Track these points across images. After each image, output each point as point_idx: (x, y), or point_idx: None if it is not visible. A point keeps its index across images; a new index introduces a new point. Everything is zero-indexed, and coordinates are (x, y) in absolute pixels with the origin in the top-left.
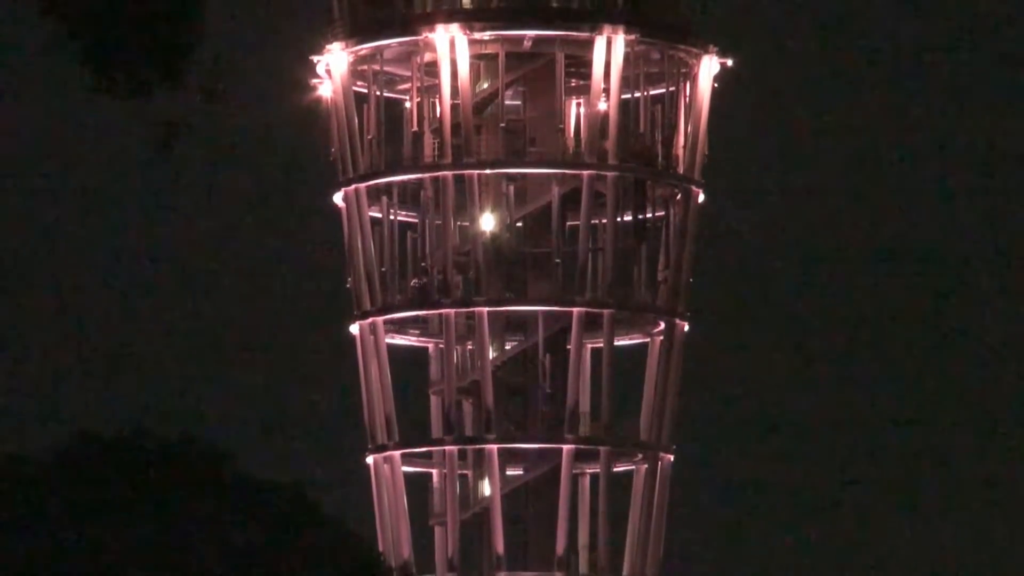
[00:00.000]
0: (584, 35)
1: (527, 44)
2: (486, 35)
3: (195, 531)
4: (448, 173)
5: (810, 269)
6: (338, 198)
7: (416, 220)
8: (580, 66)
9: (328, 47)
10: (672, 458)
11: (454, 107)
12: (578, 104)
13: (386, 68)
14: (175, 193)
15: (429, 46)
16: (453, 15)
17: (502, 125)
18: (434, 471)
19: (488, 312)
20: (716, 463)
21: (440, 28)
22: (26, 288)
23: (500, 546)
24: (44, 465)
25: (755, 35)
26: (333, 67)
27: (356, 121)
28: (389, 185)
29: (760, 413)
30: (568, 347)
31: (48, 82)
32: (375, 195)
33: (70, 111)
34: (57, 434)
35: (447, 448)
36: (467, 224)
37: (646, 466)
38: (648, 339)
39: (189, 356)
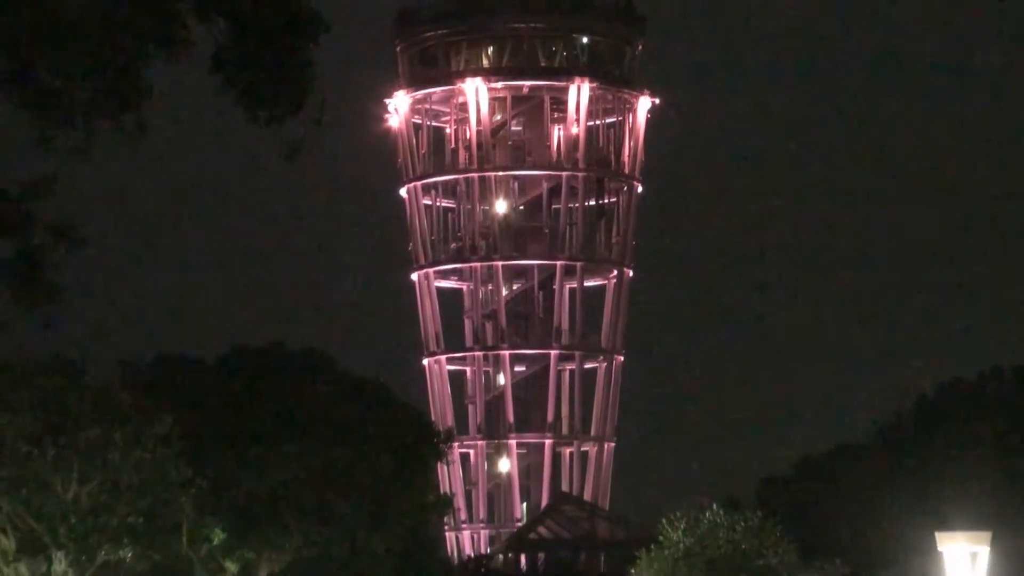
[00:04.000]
0: (562, 84)
1: (525, 90)
2: (499, 84)
3: (315, 409)
4: (474, 175)
5: (716, 234)
6: (403, 192)
7: (454, 205)
8: (560, 104)
9: (395, 93)
10: (622, 359)
11: (478, 132)
12: (559, 129)
13: (433, 107)
14: (299, 191)
15: (462, 92)
16: (478, 72)
17: (509, 143)
18: (467, 368)
19: (502, 265)
20: (654, 364)
21: (469, 80)
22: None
23: (511, 417)
24: (210, 365)
25: (674, 82)
26: (399, 106)
27: (414, 141)
28: (436, 183)
29: (679, 342)
30: (554, 287)
31: (216, 118)
32: (427, 189)
33: (226, 136)
34: (219, 344)
35: (475, 353)
36: (487, 208)
37: (606, 364)
38: (606, 282)
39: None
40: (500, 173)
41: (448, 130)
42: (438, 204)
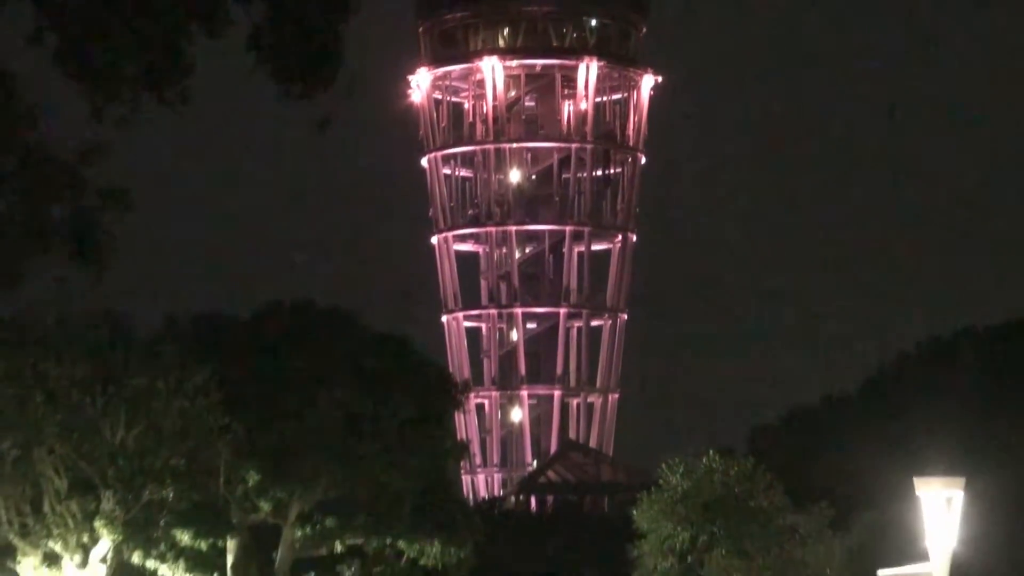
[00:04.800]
0: (572, 63)
1: (538, 68)
2: (514, 63)
3: (341, 362)
4: (490, 146)
5: (711, 200)
6: (424, 162)
7: (471, 175)
8: (570, 81)
9: (418, 70)
10: (626, 317)
11: (494, 107)
12: (569, 104)
13: (453, 83)
14: (328, 162)
15: (479, 70)
16: (494, 51)
17: (523, 117)
18: (483, 325)
19: (515, 230)
20: (655, 321)
21: (486, 59)
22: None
23: (523, 370)
24: (245, 321)
25: (676, 62)
26: (421, 82)
27: (434, 115)
28: (455, 154)
29: (678, 301)
30: (563, 251)
31: (249, 92)
32: (446, 160)
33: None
34: (252, 302)
35: (490, 311)
36: (502, 177)
37: (611, 321)
38: (611, 246)
39: (334, 260)
40: (514, 145)
41: (466, 105)
42: (457, 173)
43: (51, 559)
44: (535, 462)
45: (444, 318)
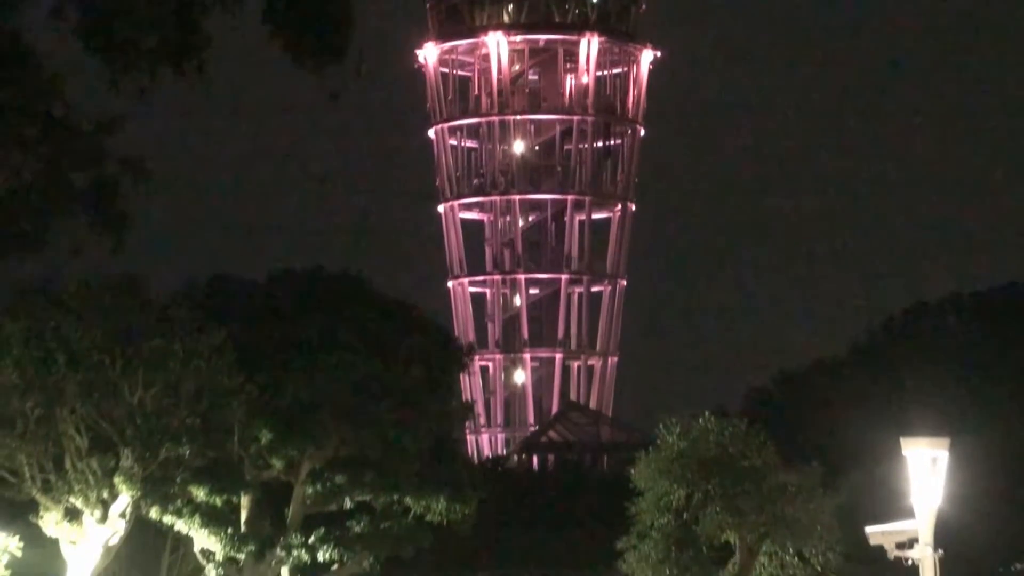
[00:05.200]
0: (574, 38)
1: (541, 43)
2: (518, 38)
3: (351, 325)
4: (495, 118)
5: (710, 175)
6: (431, 133)
7: (476, 145)
8: (572, 56)
9: (425, 44)
10: (624, 283)
11: (499, 80)
12: (571, 78)
13: (459, 57)
14: (338, 133)
15: (484, 45)
16: (499, 26)
17: (526, 90)
18: (487, 291)
19: (519, 199)
20: (653, 288)
21: (491, 34)
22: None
23: (525, 334)
24: (259, 285)
25: (674, 37)
26: (428, 56)
27: (441, 88)
28: (460, 125)
29: (674, 269)
30: (565, 219)
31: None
32: (452, 131)
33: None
34: (267, 266)
35: (494, 277)
36: (506, 148)
37: (610, 287)
38: (611, 214)
39: (345, 228)
40: (518, 117)
41: (472, 78)
42: (462, 144)
43: (72, 514)
44: (537, 422)
45: (450, 284)
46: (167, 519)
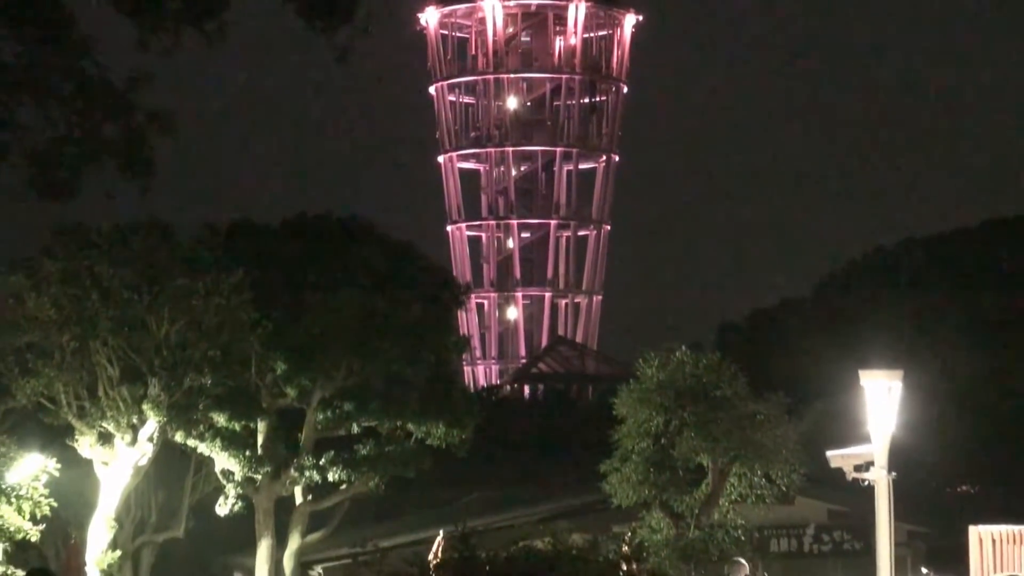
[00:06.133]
0: (563, 3)
1: (533, 8)
2: (511, 3)
3: (359, 265)
4: (490, 76)
5: (688, 128)
6: (432, 90)
7: (473, 102)
8: (561, 20)
9: (426, 9)
10: (609, 228)
11: (494, 41)
12: (560, 40)
13: (457, 20)
14: (348, 89)
15: (481, 9)
16: None
17: (519, 51)
18: (483, 235)
19: (512, 150)
20: (635, 232)
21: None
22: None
23: (517, 274)
24: (274, 229)
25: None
26: (429, 20)
27: (441, 48)
28: (459, 83)
29: (654, 214)
30: (554, 169)
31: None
32: (451, 88)
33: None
34: (284, 211)
35: (489, 222)
36: (501, 104)
37: (595, 232)
38: (597, 165)
39: (353, 177)
40: (511, 75)
41: (469, 40)
42: (460, 100)
43: (105, 438)
44: (528, 355)
45: (449, 228)
46: (191, 442)
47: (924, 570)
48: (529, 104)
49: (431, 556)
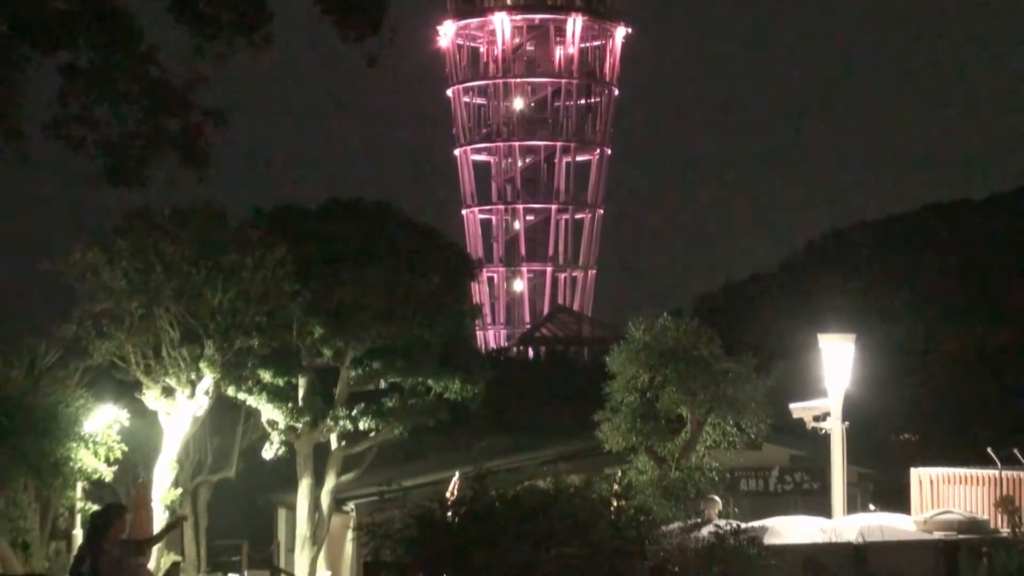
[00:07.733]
0: (563, 17)
1: (537, 21)
2: (518, 17)
3: (386, 243)
4: (500, 81)
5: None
6: (449, 92)
7: (485, 102)
8: (560, 31)
9: (444, 22)
10: (602, 211)
11: (503, 50)
12: (560, 49)
13: (471, 32)
14: (376, 92)
15: (492, 22)
16: (504, 8)
17: (525, 59)
18: (493, 217)
19: (518, 145)
20: (625, 215)
21: (497, 14)
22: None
23: (523, 251)
24: (313, 211)
25: (646, 14)
26: (447, 32)
27: (457, 56)
28: (472, 86)
29: (640, 196)
30: (555, 161)
31: (315, 36)
32: (466, 91)
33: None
34: (321, 197)
35: (499, 207)
36: (508, 104)
37: (591, 215)
38: (592, 157)
39: (382, 167)
40: (518, 80)
41: (481, 49)
42: (474, 101)
43: (168, 392)
44: (531, 322)
45: (463, 212)
46: (241, 396)
47: (872, 507)
48: (533, 105)
49: (448, 494)
